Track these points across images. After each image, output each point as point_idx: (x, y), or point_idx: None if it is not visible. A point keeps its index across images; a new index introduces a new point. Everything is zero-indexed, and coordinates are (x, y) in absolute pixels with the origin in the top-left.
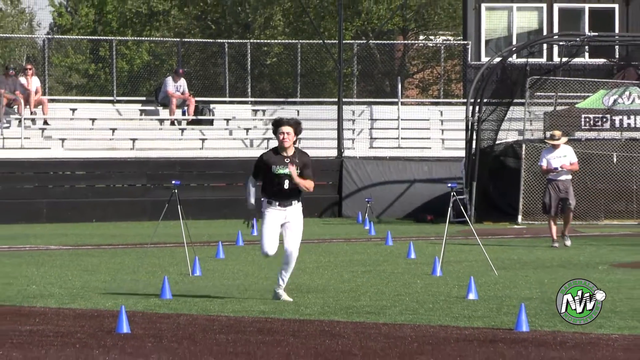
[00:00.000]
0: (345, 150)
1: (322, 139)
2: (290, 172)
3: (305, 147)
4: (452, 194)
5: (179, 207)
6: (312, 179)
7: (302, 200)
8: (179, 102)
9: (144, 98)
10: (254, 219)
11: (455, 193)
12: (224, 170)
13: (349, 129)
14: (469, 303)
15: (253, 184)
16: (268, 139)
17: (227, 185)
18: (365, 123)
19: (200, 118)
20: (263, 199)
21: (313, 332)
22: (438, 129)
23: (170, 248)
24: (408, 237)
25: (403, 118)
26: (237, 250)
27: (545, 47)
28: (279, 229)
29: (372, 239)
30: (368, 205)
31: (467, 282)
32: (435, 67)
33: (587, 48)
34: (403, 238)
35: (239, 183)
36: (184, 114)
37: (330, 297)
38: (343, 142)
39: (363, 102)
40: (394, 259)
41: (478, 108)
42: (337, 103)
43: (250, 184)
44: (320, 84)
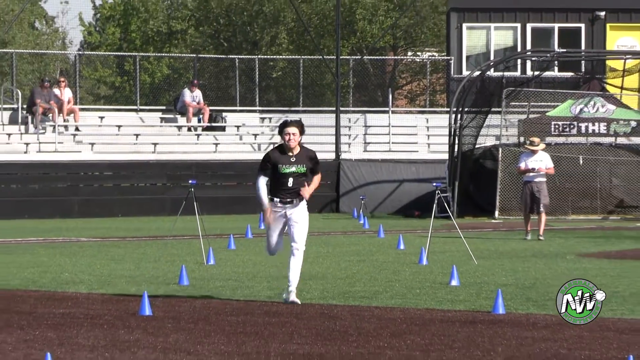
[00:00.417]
0: (342, 154)
1: (321, 144)
2: (304, 195)
3: None
4: (436, 192)
5: (195, 203)
6: (319, 172)
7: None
8: (195, 110)
9: (164, 107)
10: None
11: (440, 191)
12: (235, 171)
13: (346, 135)
14: (452, 289)
15: (263, 185)
16: (274, 144)
17: (237, 185)
18: (360, 129)
19: (214, 125)
20: (268, 197)
21: (314, 314)
22: (424, 135)
23: (188, 240)
24: (398, 230)
25: (393, 125)
26: (246, 242)
27: (520, 62)
28: (283, 227)
29: (366, 232)
30: (362, 202)
31: (450, 270)
32: (422, 79)
33: (556, 63)
34: (393, 231)
35: (249, 182)
36: (200, 122)
37: (329, 283)
38: (340, 146)
39: (358, 110)
40: (385, 250)
41: (460, 116)
42: (335, 112)
43: (261, 186)
44: (320, 95)
